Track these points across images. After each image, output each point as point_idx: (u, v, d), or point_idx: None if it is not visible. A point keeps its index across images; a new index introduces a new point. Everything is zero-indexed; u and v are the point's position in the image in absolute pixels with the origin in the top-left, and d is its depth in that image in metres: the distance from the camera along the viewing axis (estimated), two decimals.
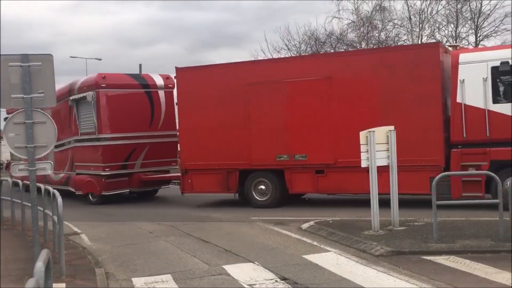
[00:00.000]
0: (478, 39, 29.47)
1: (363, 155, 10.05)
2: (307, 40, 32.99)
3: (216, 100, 15.63)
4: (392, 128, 10.49)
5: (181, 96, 16.24)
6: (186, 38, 78.07)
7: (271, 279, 7.61)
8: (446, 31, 30.63)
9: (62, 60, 57.71)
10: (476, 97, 12.71)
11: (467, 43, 29.38)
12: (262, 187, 15.38)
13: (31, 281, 3.92)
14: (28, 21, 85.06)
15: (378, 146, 10.13)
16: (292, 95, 14.70)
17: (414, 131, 13.17)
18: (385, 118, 12.85)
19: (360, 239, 9.59)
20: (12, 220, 13.50)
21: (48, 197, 10.16)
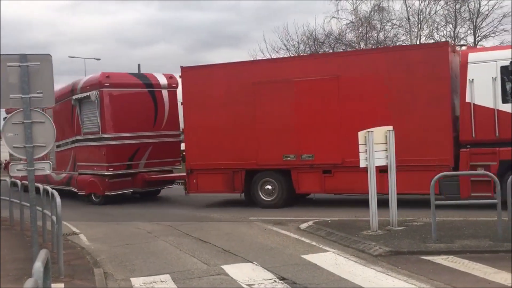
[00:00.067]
0: (477, 40, 29.51)
1: (361, 155, 10.06)
2: (306, 40, 33.01)
3: (222, 99, 15.48)
4: (390, 128, 10.49)
5: (186, 96, 16.08)
6: (185, 38, 78.10)
7: (270, 279, 7.61)
8: (445, 32, 30.69)
9: (61, 60, 57.69)
10: (485, 96, 12.65)
11: (465, 43, 29.39)
12: (269, 187, 15.26)
13: (29, 281, 3.91)
14: (28, 21, 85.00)
15: (377, 146, 10.15)
16: (299, 94, 14.55)
17: (422, 130, 13.12)
18: (392, 118, 12.80)
19: (358, 239, 9.59)
20: (11, 220, 13.50)
21: (47, 197, 10.14)
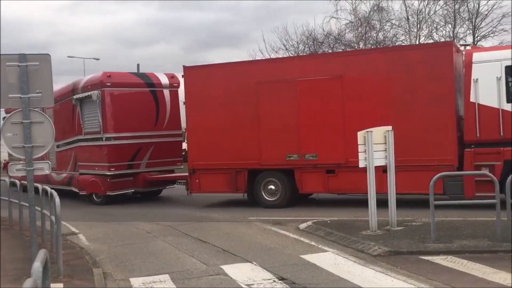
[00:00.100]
0: (476, 40, 29.52)
1: (360, 155, 10.07)
2: (305, 40, 33.04)
3: (225, 99, 15.45)
4: (390, 128, 10.50)
5: (188, 95, 16.00)
6: (185, 38, 78.11)
7: (269, 279, 7.61)
8: (444, 32, 30.73)
9: (61, 60, 57.73)
10: (489, 96, 12.62)
11: (466, 43, 29.40)
12: (272, 187, 15.22)
13: (28, 281, 3.91)
14: (28, 21, 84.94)
15: (376, 146, 10.16)
16: (303, 94, 14.51)
17: (426, 130, 13.11)
18: (396, 118, 12.82)
19: (358, 239, 9.60)
20: (10, 220, 13.48)
21: (46, 197, 10.13)
